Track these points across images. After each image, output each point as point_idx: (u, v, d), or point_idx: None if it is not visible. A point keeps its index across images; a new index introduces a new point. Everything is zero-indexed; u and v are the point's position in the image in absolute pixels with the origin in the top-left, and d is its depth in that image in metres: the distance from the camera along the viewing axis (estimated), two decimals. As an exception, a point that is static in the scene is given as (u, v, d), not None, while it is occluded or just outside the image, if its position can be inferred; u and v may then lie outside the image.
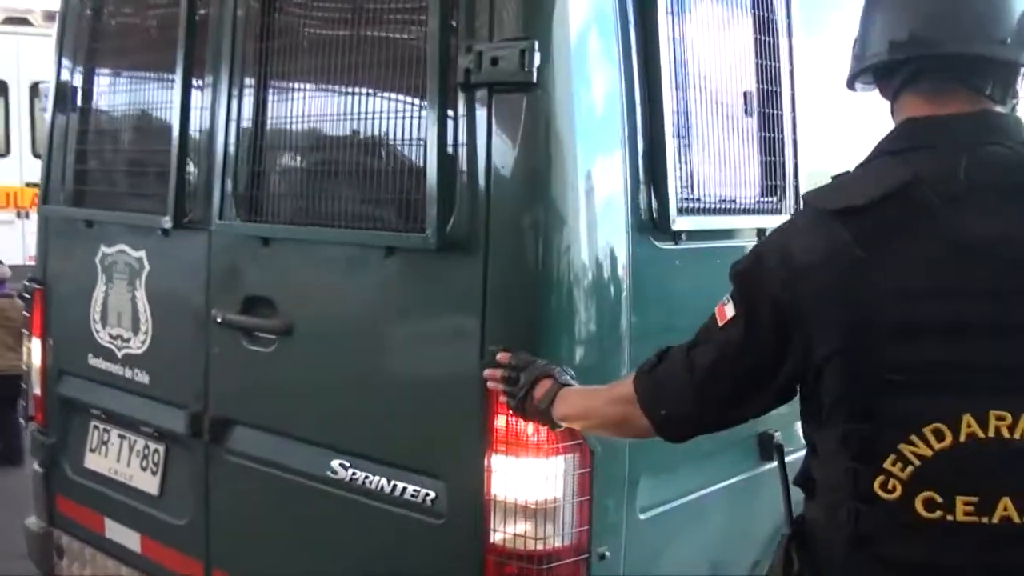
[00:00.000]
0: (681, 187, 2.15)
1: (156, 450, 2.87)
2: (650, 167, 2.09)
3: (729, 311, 1.47)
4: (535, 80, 1.92)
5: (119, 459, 2.99)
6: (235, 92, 2.49)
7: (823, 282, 1.35)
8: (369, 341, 2.22)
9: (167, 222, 2.63)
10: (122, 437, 2.99)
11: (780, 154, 2.47)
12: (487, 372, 1.92)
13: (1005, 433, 1.29)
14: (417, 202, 2.05)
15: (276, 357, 2.42)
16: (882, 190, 1.34)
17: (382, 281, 2.20)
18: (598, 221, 2.03)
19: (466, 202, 2.01)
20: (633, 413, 1.61)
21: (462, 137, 2.02)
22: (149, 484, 2.87)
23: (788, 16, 2.49)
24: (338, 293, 2.32)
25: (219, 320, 2.52)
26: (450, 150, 2.02)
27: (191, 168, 2.63)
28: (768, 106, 2.44)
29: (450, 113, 2.01)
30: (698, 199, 2.21)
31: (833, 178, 1.47)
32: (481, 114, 1.99)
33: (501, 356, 1.91)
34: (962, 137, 1.37)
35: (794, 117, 2.50)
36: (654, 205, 2.10)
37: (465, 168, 2.02)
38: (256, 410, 2.52)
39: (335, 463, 2.28)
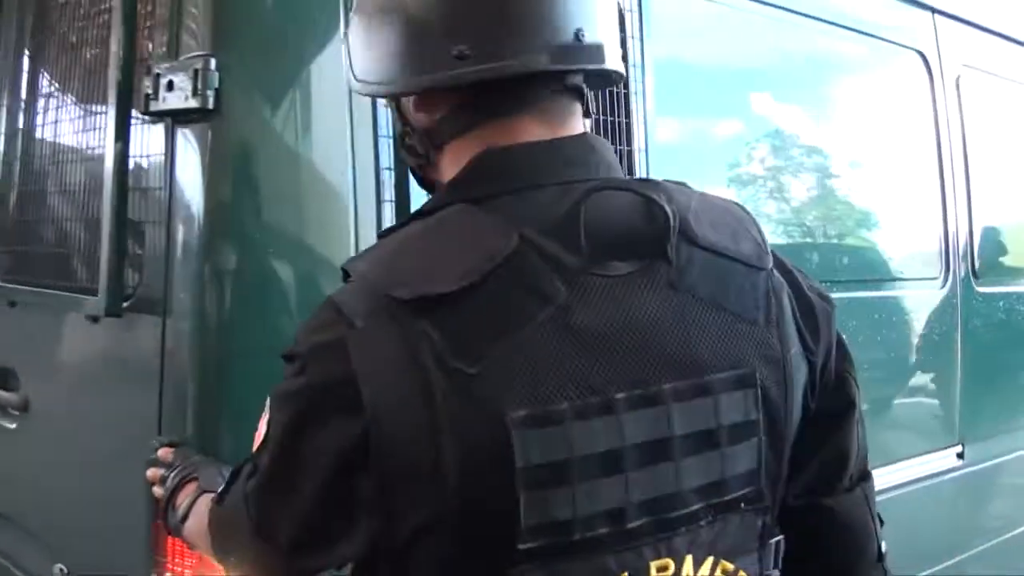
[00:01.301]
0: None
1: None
2: (399, 212, 1.68)
3: (262, 428, 1.01)
4: (212, 106, 1.54)
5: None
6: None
7: (409, 415, 0.86)
8: (75, 427, 1.86)
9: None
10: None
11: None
12: (149, 473, 1.52)
13: None
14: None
15: (17, 437, 2.08)
16: (480, 267, 0.88)
17: (86, 353, 1.84)
18: (309, 277, 1.62)
19: (156, 257, 1.63)
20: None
21: (150, 178, 1.65)
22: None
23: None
24: (59, 367, 1.96)
25: (-24, 392, 2.21)
26: (137, 193, 1.66)
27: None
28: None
29: (134, 150, 1.65)
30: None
31: (380, 237, 1.01)
32: (168, 149, 1.62)
33: (162, 452, 1.51)
34: (575, 173, 0.95)
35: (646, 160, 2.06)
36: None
37: (153, 215, 1.65)
38: (4, 498, 2.17)
39: (56, 568, 1.91)
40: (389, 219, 1.67)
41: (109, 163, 1.63)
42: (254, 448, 1.03)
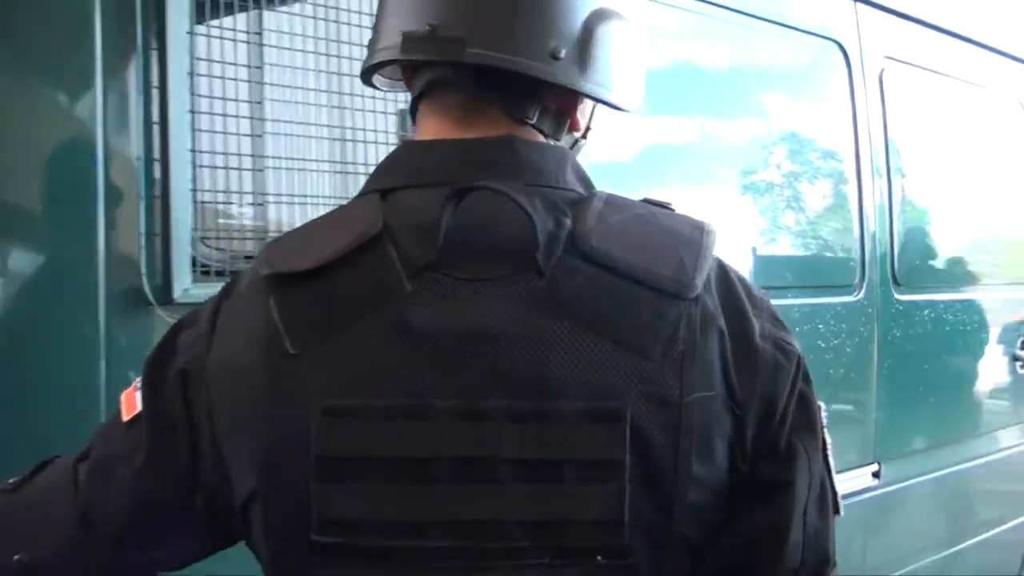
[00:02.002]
0: (212, 238, 1.52)
1: None
2: (165, 209, 1.47)
3: (138, 401, 0.95)
4: None
5: None
6: None
7: (241, 387, 0.88)
8: None
9: None
10: None
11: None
12: None
13: None
14: None
15: None
16: (335, 249, 0.88)
17: None
18: (34, 277, 1.42)
19: None
20: None
21: None
22: None
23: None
24: None
25: None
26: None
27: None
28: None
29: None
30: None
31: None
32: None
33: None
34: (461, 173, 0.90)
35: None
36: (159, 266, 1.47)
37: None
38: None
39: None
40: (158, 218, 1.48)
41: None
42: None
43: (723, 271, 0.91)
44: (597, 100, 0.95)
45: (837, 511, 0.93)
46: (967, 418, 3.35)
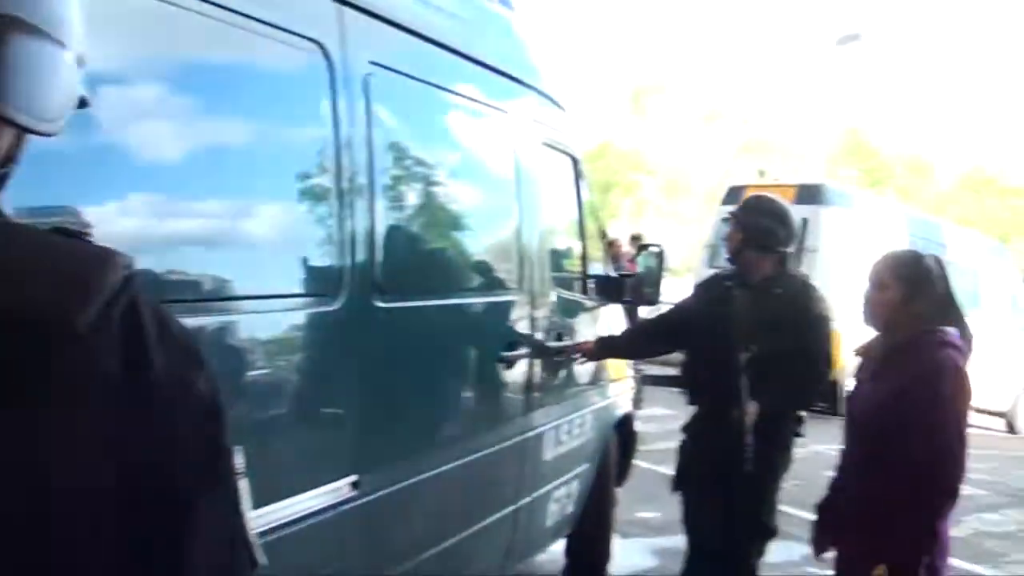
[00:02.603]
0: None
1: None
2: None
3: None
4: None
5: None
6: None
7: None
8: None
9: None
10: None
11: None
12: None
13: None
14: None
15: None
16: None
17: None
18: None
19: None
20: None
21: None
22: None
23: None
24: None
25: None
26: None
27: None
28: None
29: None
30: None
31: None
32: None
33: None
34: None
35: None
36: None
37: None
38: None
39: None
40: None
41: None
42: None
43: (133, 304, 0.81)
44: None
45: (254, 564, 0.85)
46: (454, 420, 3.46)
